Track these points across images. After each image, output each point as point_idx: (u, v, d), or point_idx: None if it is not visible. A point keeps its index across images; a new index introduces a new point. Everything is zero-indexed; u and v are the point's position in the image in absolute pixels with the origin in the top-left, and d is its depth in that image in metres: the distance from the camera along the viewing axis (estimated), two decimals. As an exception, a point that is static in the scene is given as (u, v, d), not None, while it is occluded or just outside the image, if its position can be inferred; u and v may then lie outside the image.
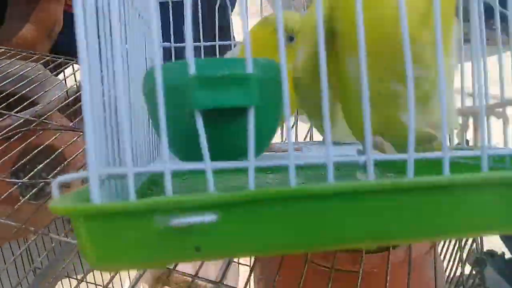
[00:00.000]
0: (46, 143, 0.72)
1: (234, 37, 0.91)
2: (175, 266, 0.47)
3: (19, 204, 0.58)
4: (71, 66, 0.89)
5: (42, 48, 1.08)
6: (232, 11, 1.18)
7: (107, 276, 0.58)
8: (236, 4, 1.21)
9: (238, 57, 0.39)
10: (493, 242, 1.26)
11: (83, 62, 0.21)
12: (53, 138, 0.73)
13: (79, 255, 0.76)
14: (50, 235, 0.53)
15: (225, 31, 0.93)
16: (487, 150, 0.23)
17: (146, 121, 0.39)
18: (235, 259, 0.80)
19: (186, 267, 0.44)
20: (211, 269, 0.85)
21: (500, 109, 0.30)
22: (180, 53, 0.53)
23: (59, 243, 0.60)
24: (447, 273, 0.58)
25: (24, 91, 0.81)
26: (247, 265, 0.86)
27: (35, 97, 0.79)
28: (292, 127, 0.66)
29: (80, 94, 0.44)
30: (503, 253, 1.22)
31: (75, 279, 0.92)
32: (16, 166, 0.68)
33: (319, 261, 0.45)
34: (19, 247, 0.85)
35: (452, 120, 0.31)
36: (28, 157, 0.68)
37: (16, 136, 0.70)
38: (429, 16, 0.26)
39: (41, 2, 1.07)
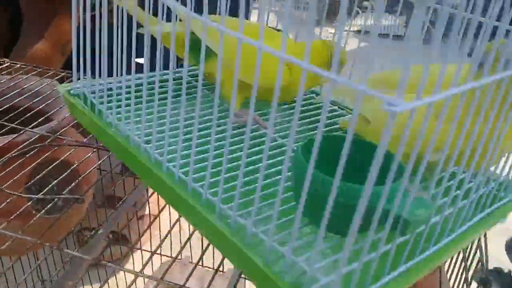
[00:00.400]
0: (61, 158, 0.73)
1: None
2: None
3: (34, 219, 0.59)
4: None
5: (56, 64, 1.11)
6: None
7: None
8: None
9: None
10: (500, 260, 1.26)
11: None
12: (68, 153, 0.75)
13: (88, 272, 0.77)
14: (65, 250, 0.54)
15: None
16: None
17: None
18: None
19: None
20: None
21: None
22: None
23: (67, 257, 0.62)
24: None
25: (39, 107, 0.83)
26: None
27: (51, 113, 0.82)
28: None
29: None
30: (510, 271, 1.22)
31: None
32: (32, 182, 0.70)
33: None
34: (29, 262, 0.87)
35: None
36: (42, 173, 0.70)
37: (32, 152, 0.72)
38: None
39: (55, 19, 1.10)
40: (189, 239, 0.56)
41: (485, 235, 0.66)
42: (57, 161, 0.72)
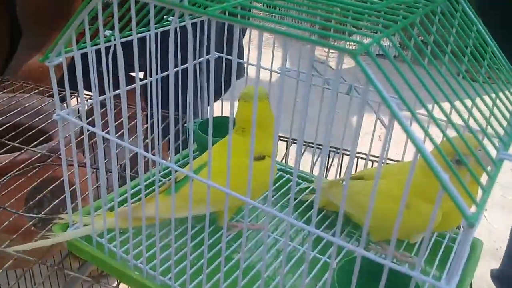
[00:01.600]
0: (61, 178, 0.75)
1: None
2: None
3: (35, 239, 0.61)
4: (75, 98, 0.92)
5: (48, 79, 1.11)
6: (243, 36, 1.24)
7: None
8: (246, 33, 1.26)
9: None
10: (488, 282, 1.28)
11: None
12: (69, 172, 0.76)
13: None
14: (66, 271, 0.56)
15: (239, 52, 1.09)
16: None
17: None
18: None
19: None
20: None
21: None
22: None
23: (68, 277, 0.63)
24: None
25: (40, 126, 0.85)
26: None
27: (51, 131, 0.83)
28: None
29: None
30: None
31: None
32: (32, 201, 0.71)
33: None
34: (31, 280, 0.88)
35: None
36: (43, 192, 0.71)
37: (34, 171, 0.74)
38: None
39: (53, 33, 1.10)
40: None
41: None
42: (58, 181, 0.73)
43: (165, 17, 0.59)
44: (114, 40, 0.52)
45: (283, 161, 0.78)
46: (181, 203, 0.52)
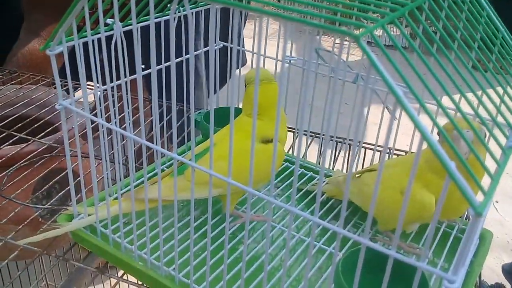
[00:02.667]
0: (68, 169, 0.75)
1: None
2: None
3: (41, 229, 0.61)
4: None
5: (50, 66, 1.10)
6: (244, 26, 1.23)
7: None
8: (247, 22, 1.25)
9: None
10: (499, 274, 1.26)
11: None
12: (74, 164, 0.76)
13: (93, 282, 0.79)
14: (71, 262, 0.56)
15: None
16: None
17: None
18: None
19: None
20: None
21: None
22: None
23: (65, 266, 0.63)
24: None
25: (47, 117, 0.85)
26: None
27: (58, 123, 0.83)
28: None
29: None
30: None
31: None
32: (39, 192, 0.71)
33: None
34: (35, 271, 0.89)
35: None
36: (50, 183, 0.71)
37: (40, 162, 0.74)
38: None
39: (56, 19, 1.09)
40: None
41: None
42: (65, 171, 0.73)
43: (168, 5, 0.58)
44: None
45: (290, 151, 0.77)
46: (186, 184, 0.51)
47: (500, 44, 0.46)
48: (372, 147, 0.69)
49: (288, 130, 0.80)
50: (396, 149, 0.71)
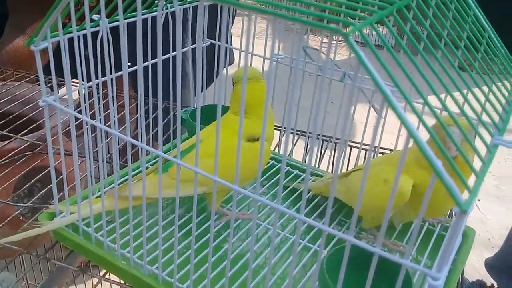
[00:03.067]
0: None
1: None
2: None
3: (22, 228, 0.60)
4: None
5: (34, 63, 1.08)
6: (232, 25, 1.23)
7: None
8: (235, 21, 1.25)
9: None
10: (480, 272, 1.28)
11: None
12: (57, 162, 0.75)
13: (75, 282, 0.77)
14: (52, 261, 0.55)
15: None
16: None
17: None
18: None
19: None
20: None
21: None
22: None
23: (45, 265, 0.62)
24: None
25: (31, 114, 0.84)
26: None
27: (41, 120, 0.82)
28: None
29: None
30: (492, 285, 1.24)
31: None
32: (20, 190, 0.70)
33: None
34: (15, 269, 0.87)
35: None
36: (31, 181, 0.70)
37: (22, 160, 0.72)
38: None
39: (41, 15, 1.07)
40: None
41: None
42: (47, 169, 0.72)
43: (156, 1, 0.57)
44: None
45: (276, 150, 0.77)
46: (170, 182, 0.51)
47: (486, 44, 0.46)
48: (358, 145, 0.69)
49: (275, 128, 0.80)
50: (381, 147, 0.71)
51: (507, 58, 0.49)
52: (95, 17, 0.50)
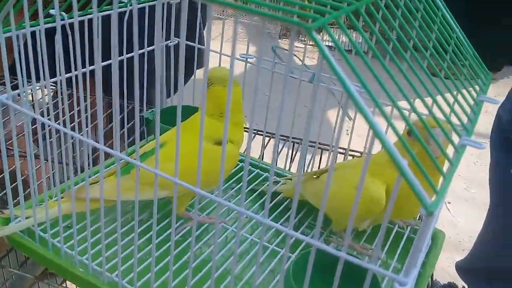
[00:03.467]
0: (10, 169, 0.70)
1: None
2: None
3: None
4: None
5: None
6: (204, 28, 1.21)
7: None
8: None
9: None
10: (452, 274, 1.30)
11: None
12: (11, 167, 0.72)
13: None
14: (8, 269, 0.52)
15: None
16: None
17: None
18: None
19: None
20: None
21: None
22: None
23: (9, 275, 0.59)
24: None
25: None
26: None
27: (3, 120, 0.78)
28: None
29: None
30: (464, 287, 1.25)
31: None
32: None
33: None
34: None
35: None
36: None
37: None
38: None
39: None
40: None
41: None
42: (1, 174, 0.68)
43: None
44: (62, 20, 0.48)
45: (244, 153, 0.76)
46: (132, 184, 0.49)
47: (455, 45, 0.46)
48: (328, 148, 0.69)
49: (245, 131, 0.78)
50: (351, 150, 0.70)
51: (475, 59, 0.49)
52: (52, 12, 0.48)
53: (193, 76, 0.74)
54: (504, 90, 1.06)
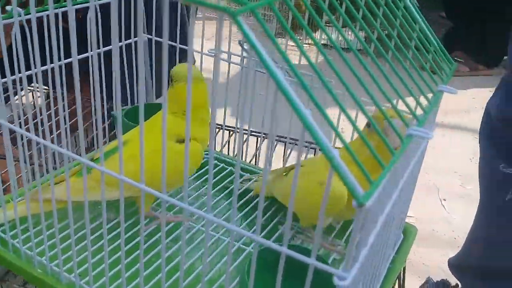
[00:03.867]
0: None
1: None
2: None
3: None
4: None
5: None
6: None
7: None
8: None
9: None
10: (446, 271, 1.28)
11: None
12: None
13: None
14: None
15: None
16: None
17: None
18: None
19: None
20: None
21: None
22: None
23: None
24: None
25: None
26: None
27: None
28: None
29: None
30: (457, 284, 1.24)
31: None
32: None
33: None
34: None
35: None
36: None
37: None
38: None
39: None
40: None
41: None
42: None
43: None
44: (19, 16, 0.47)
45: (224, 151, 0.75)
46: (92, 185, 0.48)
47: (417, 37, 0.45)
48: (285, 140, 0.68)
49: (229, 129, 0.78)
50: (312, 142, 0.69)
51: (440, 50, 0.48)
52: (9, 8, 0.47)
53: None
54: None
